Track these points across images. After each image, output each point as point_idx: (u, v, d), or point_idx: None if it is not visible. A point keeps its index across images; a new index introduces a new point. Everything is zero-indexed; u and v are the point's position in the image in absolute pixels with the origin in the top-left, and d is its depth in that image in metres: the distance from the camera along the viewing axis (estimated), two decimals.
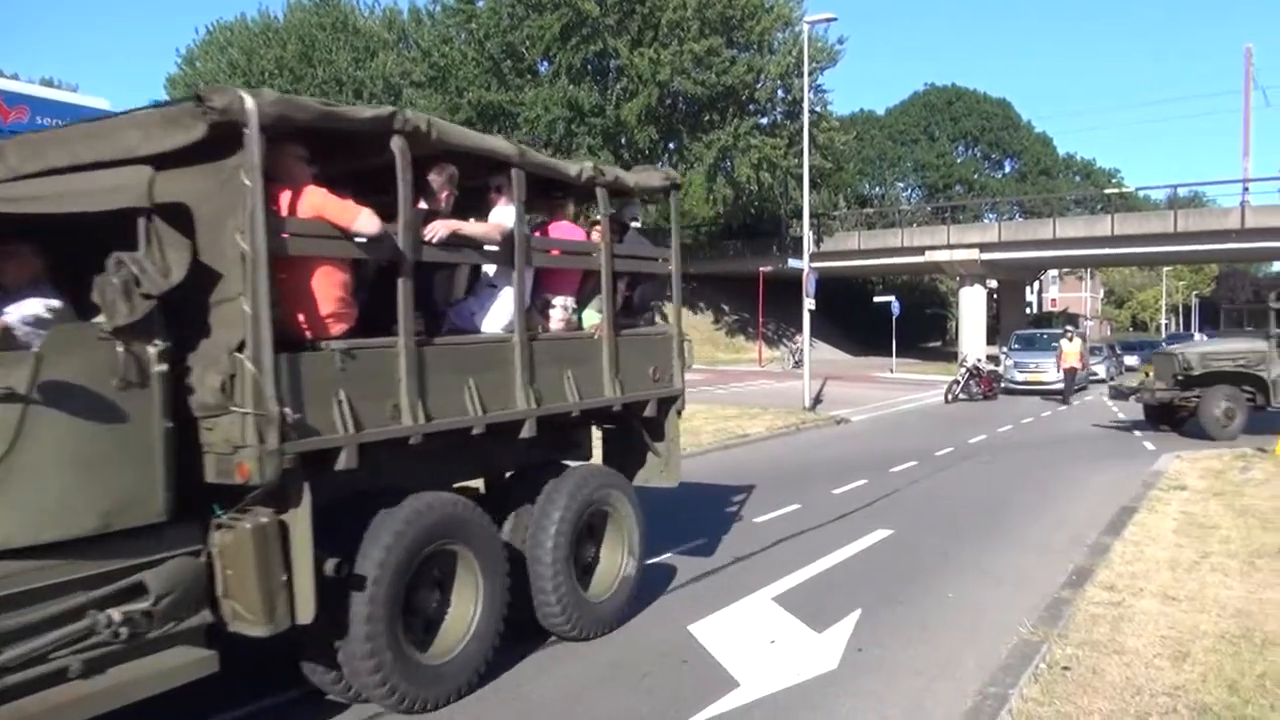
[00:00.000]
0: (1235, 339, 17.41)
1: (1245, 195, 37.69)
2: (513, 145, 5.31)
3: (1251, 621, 5.94)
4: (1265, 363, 15.89)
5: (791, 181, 38.85)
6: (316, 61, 46.79)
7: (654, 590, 6.88)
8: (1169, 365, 16.46)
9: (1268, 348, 15.95)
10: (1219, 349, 16.66)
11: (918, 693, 5.06)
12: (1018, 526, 9.37)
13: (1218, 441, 14.95)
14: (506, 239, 5.21)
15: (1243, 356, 16.07)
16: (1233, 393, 15.91)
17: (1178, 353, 16.59)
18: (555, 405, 5.49)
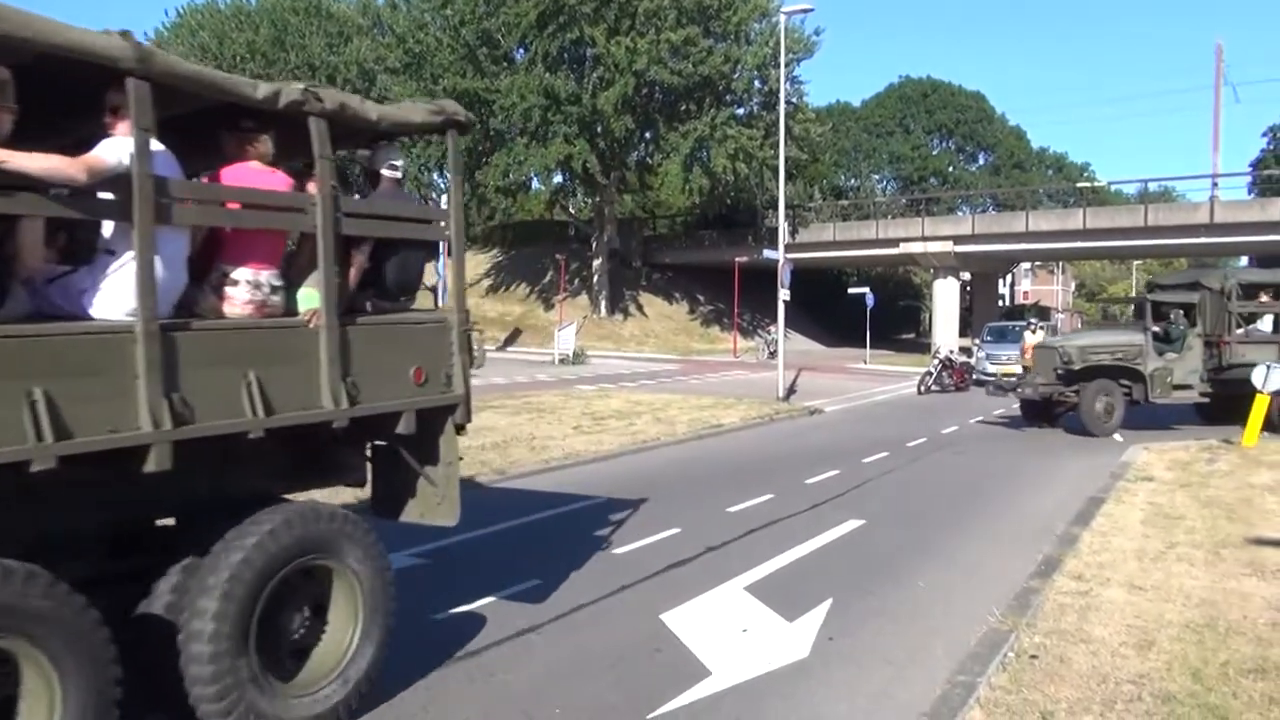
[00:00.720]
0: (1114, 331, 17.10)
1: (1214, 191, 38.14)
2: (129, 44, 3.55)
3: (1215, 611, 6.03)
4: (1142, 356, 15.44)
5: (767, 172, 38.88)
6: (289, 46, 46.29)
7: (626, 579, 6.88)
8: (1050, 358, 15.88)
9: (1144, 340, 15.53)
10: (1098, 341, 16.03)
11: (888, 681, 5.10)
12: (988, 517, 9.46)
13: (1098, 438, 14.92)
14: (113, 181, 3.55)
15: (1120, 349, 15.57)
16: (1112, 387, 15.47)
17: (1059, 345, 16.07)
18: (211, 425, 3.78)
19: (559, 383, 25.20)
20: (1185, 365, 15.61)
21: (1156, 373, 15.32)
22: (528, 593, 6.52)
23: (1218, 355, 15.77)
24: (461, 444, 5.40)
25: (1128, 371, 15.49)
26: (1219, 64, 44.11)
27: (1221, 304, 15.92)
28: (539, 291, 47.30)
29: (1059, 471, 12.22)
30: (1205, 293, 16.00)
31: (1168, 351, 15.60)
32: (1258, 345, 15.86)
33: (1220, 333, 15.83)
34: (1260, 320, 16.51)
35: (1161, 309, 16.05)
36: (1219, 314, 15.91)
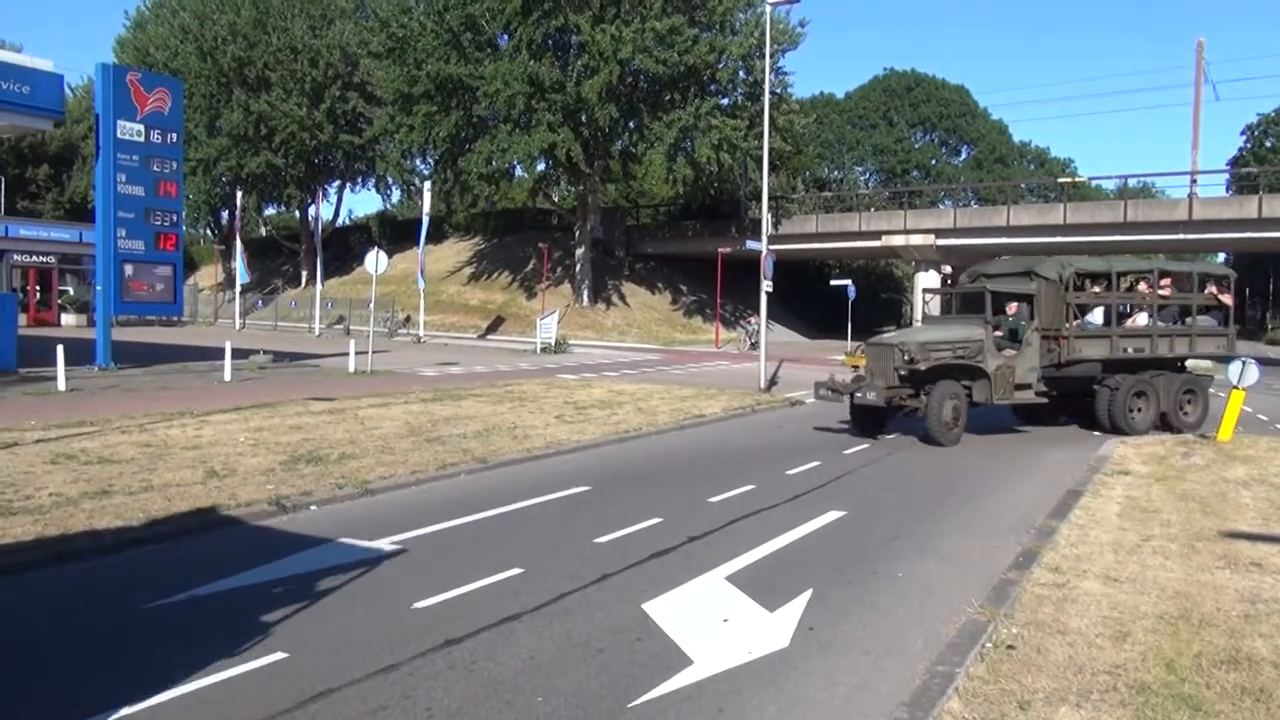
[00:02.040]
0: (952, 325, 14.94)
1: (1193, 187, 38.50)
2: None
3: (1190, 603, 6.11)
4: (983, 353, 13.87)
5: (751, 163, 38.92)
6: (271, 29, 45.87)
7: (608, 568, 6.90)
8: (888, 357, 13.91)
9: (985, 336, 13.96)
10: (939, 337, 14.14)
11: (867, 671, 5.14)
12: (967, 509, 9.53)
13: (946, 447, 13.45)
14: None
15: (962, 346, 13.87)
16: (957, 389, 13.79)
17: (897, 343, 14.05)
18: None
19: (541, 371, 25.16)
20: (1025, 362, 14.21)
21: (999, 371, 13.89)
22: (509, 581, 6.53)
23: (1057, 351, 14.48)
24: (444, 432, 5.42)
25: (970, 370, 13.95)
26: (1199, 62, 44.43)
27: (1059, 295, 14.54)
28: (521, 280, 47.19)
29: (1037, 464, 12.33)
30: (1042, 283, 14.53)
31: (1007, 347, 14.18)
32: (1091, 340, 14.77)
33: (1058, 326, 14.51)
34: (1091, 313, 15.19)
35: (998, 300, 14.59)
36: (1056, 306, 14.51)
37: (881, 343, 14.36)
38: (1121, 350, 14.94)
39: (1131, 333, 15.18)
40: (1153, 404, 15.01)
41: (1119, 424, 14.67)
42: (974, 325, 14.28)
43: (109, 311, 21.14)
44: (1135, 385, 14.87)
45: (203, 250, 61.78)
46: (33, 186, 61.32)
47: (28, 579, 6.45)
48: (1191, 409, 15.58)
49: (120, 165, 20.29)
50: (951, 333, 14.23)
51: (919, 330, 15.37)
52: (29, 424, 12.54)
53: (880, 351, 14.13)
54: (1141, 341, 15.17)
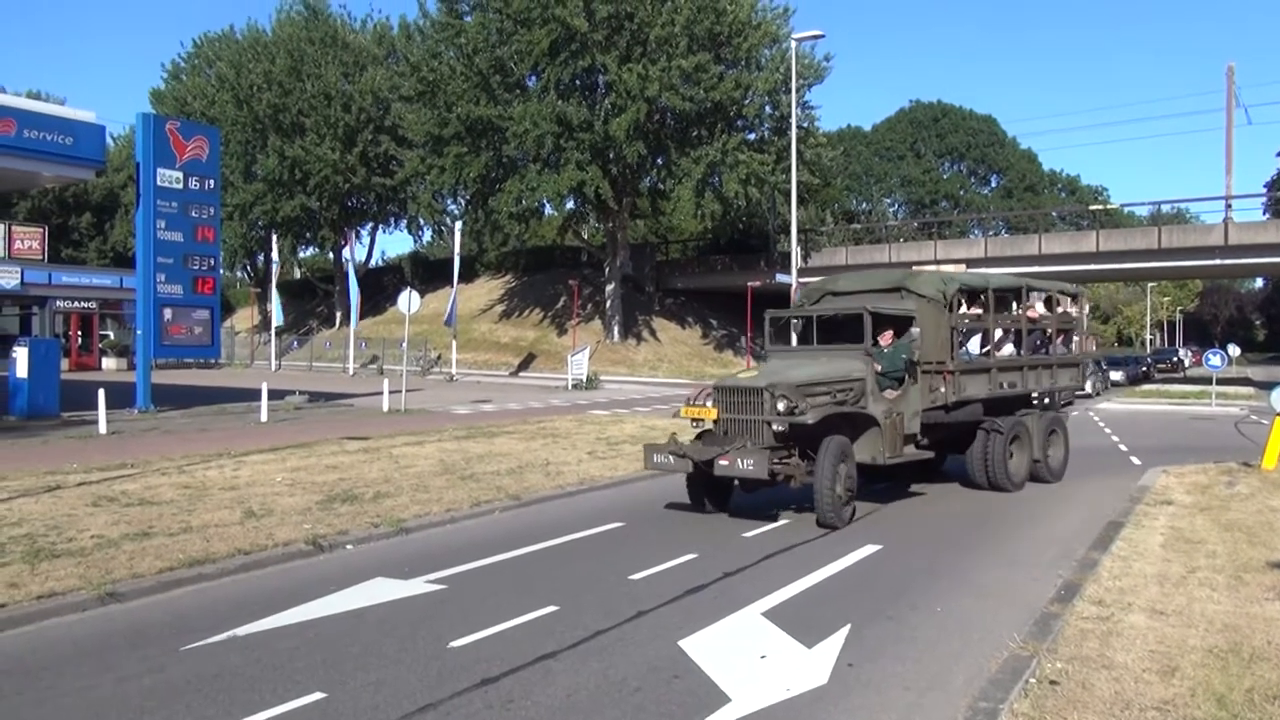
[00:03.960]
0: (818, 358, 11.07)
1: (1228, 212, 38.08)
2: None
3: (1239, 636, 5.97)
4: (866, 395, 10.42)
5: (779, 197, 39.07)
6: (305, 75, 46.85)
7: (644, 605, 6.87)
8: (753, 406, 9.93)
9: (867, 371, 10.49)
10: (814, 375, 10.29)
11: (908, 707, 5.06)
12: (1006, 541, 9.40)
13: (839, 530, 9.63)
14: None
15: (843, 386, 10.36)
16: (847, 447, 9.98)
17: (765, 385, 9.86)
18: None
19: (573, 408, 25.22)
20: (909, 406, 10.84)
21: (889, 420, 10.44)
22: (545, 619, 6.51)
23: (942, 390, 11.30)
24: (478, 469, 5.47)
25: (854, 420, 10.33)
26: (1230, 86, 44.13)
27: (941, 318, 11.37)
28: (552, 317, 47.45)
29: (1076, 495, 12.14)
30: (922, 303, 11.32)
31: (888, 387, 10.81)
32: (974, 374, 11.88)
33: (942, 358, 11.33)
34: (969, 340, 12.35)
35: (879, 325, 11.16)
36: (939, 332, 11.32)
37: (742, 385, 10.16)
38: (999, 386, 12.29)
39: (1009, 365, 12.68)
40: (1026, 450, 12.56)
41: (998, 477, 11.96)
42: (850, 358, 10.75)
43: (149, 355, 21.51)
44: (1013, 428, 12.27)
45: (239, 293, 62.78)
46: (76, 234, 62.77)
47: (70, 621, 6.53)
48: (1054, 451, 13.27)
49: (160, 212, 20.75)
50: (828, 368, 10.54)
51: (784, 366, 10.94)
52: (71, 467, 12.75)
53: (742, 399, 10.07)
54: (1015, 375, 12.73)
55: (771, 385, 9.90)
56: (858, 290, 12.30)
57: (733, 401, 10.21)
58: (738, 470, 9.56)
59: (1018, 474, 12.35)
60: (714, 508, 10.65)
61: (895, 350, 10.95)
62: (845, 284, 12.71)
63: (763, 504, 10.94)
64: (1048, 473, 12.92)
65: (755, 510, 10.65)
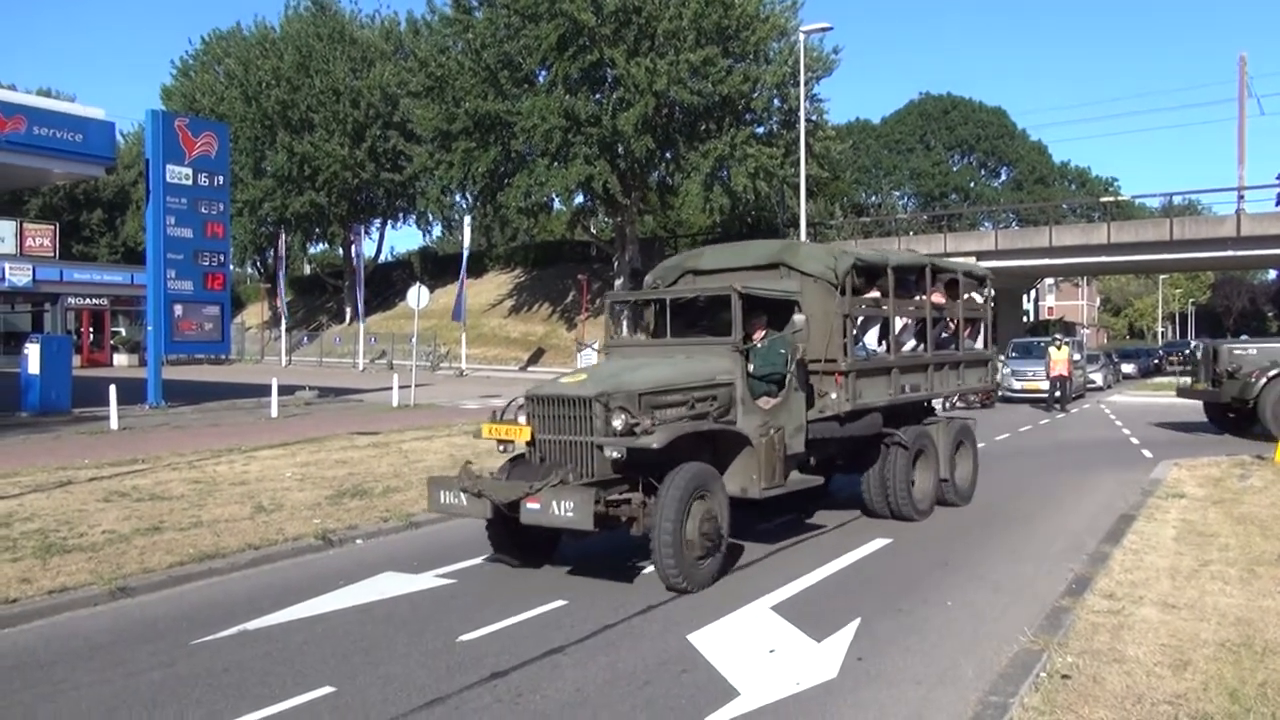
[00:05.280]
0: (672, 354, 8.36)
1: (1240, 203, 37.87)
2: None
3: (1252, 629, 5.93)
4: (734, 404, 7.91)
5: (788, 190, 38.92)
6: (314, 72, 46.90)
7: (652, 599, 6.86)
8: (579, 423, 7.30)
9: (737, 371, 7.95)
10: (662, 378, 7.69)
11: (918, 702, 5.05)
12: (1017, 534, 9.36)
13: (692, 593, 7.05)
14: None
15: (703, 392, 7.78)
16: (709, 478, 7.29)
17: (594, 394, 7.22)
18: None
19: None
20: (791, 418, 8.32)
21: (765, 437, 7.83)
22: (554, 613, 6.52)
23: (840, 394, 8.84)
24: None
25: (719, 440, 7.75)
26: (1243, 76, 43.83)
27: (832, 303, 8.85)
28: (561, 311, 47.47)
29: (1088, 488, 12.08)
30: (808, 283, 8.88)
31: (763, 393, 8.26)
32: (873, 377, 9.42)
33: (835, 355, 8.81)
34: (866, 333, 9.83)
35: (753, 311, 8.52)
36: (829, 321, 8.83)
37: (564, 395, 7.39)
38: (901, 390, 9.85)
39: (913, 363, 10.24)
40: (932, 467, 10.23)
41: (900, 504, 9.60)
42: (715, 356, 8.07)
43: (160, 351, 21.59)
44: (917, 442, 9.91)
45: (249, 289, 63.00)
46: (87, 231, 63.05)
47: (81, 616, 6.56)
48: (962, 468, 10.88)
49: (169, 208, 20.80)
50: (683, 370, 7.87)
51: (625, 367, 8.03)
52: (83, 462, 12.81)
53: (564, 412, 7.36)
54: (919, 376, 10.33)
55: (603, 394, 7.16)
56: (726, 268, 9.45)
57: (552, 416, 7.42)
58: (552, 517, 6.69)
59: (924, 499, 10.01)
60: (524, 561, 7.75)
61: (773, 345, 8.34)
62: (711, 259, 9.85)
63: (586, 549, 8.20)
64: (954, 494, 10.58)
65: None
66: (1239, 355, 17.48)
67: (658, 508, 6.91)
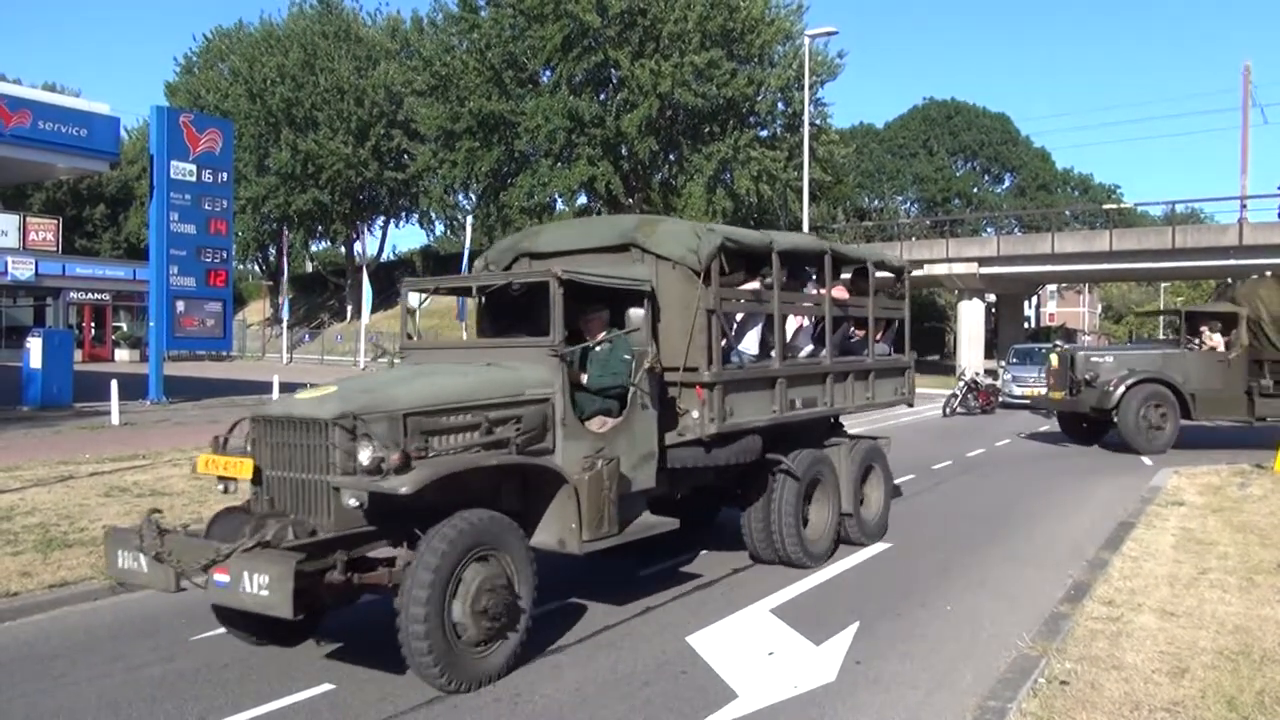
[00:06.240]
0: (479, 360, 6.48)
1: (1243, 212, 37.86)
2: None
3: (1250, 638, 5.94)
4: (550, 426, 6.04)
5: (791, 194, 38.95)
6: (318, 69, 46.94)
7: (651, 601, 6.88)
8: (314, 459, 5.30)
9: (557, 381, 6.07)
10: (446, 392, 5.77)
11: (916, 705, 5.06)
12: (1016, 540, 9.37)
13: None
14: None
15: (502, 410, 5.82)
16: (500, 531, 5.39)
17: (331, 417, 5.19)
18: None
19: None
20: (637, 444, 6.52)
21: (591, 473, 5.95)
22: (553, 614, 6.52)
23: (704, 413, 6.96)
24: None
25: (516, 476, 5.97)
26: (1246, 85, 43.85)
27: (696, 295, 6.96)
28: None
29: (1087, 495, 12.09)
30: (665, 268, 7.05)
31: (597, 411, 6.49)
32: (751, 390, 7.50)
33: (698, 362, 6.97)
34: (746, 335, 7.81)
35: (591, 305, 6.76)
36: (689, 317, 6.97)
37: (294, 416, 5.45)
38: (789, 406, 7.90)
39: (806, 372, 8.27)
40: (830, 500, 8.32)
41: (788, 548, 7.79)
42: (528, 362, 6.19)
43: (161, 347, 21.61)
44: (812, 470, 8.08)
45: (251, 286, 63.01)
46: (90, 226, 63.03)
47: (82, 610, 6.57)
48: (871, 499, 9.12)
49: (173, 204, 20.83)
50: (475, 381, 5.97)
51: (404, 377, 6.15)
52: (84, 457, 12.83)
53: (296, 441, 5.41)
54: (814, 388, 8.36)
55: (346, 415, 5.20)
56: (568, 250, 7.49)
57: (281, 445, 5.44)
58: (242, 596, 4.79)
59: (819, 539, 8.16)
60: (270, 637, 5.76)
61: (615, 350, 6.56)
62: (550, 239, 7.87)
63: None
64: (859, 531, 8.71)
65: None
66: (1096, 363, 16.76)
67: (406, 581, 4.98)
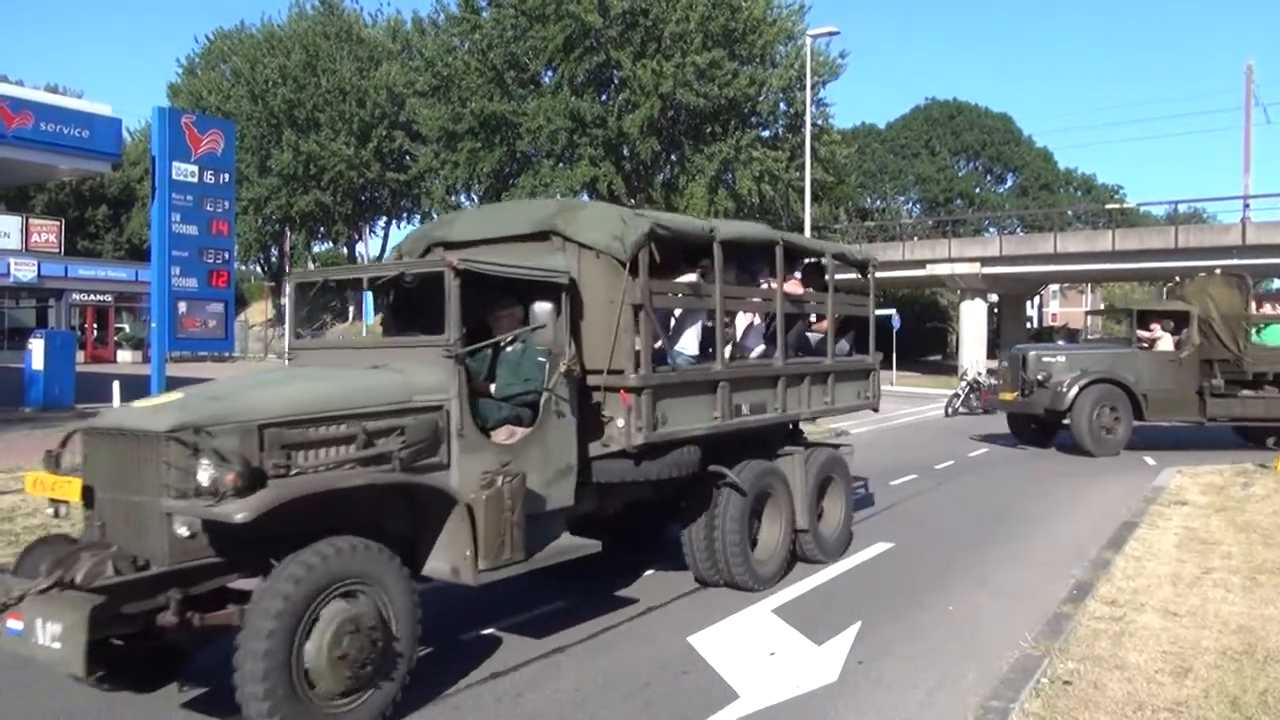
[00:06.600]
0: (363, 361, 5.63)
1: (1246, 212, 37.78)
2: None
3: (1254, 637, 5.92)
4: (441, 439, 5.20)
5: (793, 194, 38.91)
6: (320, 70, 46.97)
7: (653, 600, 6.86)
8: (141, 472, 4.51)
9: (452, 385, 5.25)
10: (315, 397, 4.93)
11: (918, 706, 5.04)
12: (1019, 540, 9.35)
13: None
14: None
15: (385, 420, 5.01)
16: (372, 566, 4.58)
17: (167, 429, 4.38)
18: None
19: None
20: (553, 455, 5.81)
21: (489, 493, 5.12)
22: (555, 614, 6.52)
23: (630, 421, 6.11)
24: None
25: (413, 498, 5.16)
26: (1249, 85, 43.75)
27: (620, 288, 6.15)
28: None
29: (1090, 495, 12.07)
30: (587, 256, 6.23)
31: (502, 419, 5.70)
32: (688, 395, 6.63)
33: (622, 364, 6.15)
34: (684, 334, 6.99)
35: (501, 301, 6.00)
36: (617, 314, 6.14)
37: (125, 427, 4.69)
38: (733, 412, 7.05)
39: (752, 375, 7.43)
40: (783, 516, 7.57)
41: (733, 569, 7.00)
42: (419, 363, 5.39)
43: (164, 348, 21.57)
44: (760, 483, 7.29)
45: (253, 287, 63.00)
46: (92, 227, 63.08)
47: None
48: (830, 514, 8.37)
49: (175, 205, 20.78)
50: (351, 385, 5.19)
51: (258, 381, 5.42)
52: None
53: (129, 456, 4.59)
54: (763, 393, 7.52)
55: (184, 427, 4.40)
56: (484, 238, 6.60)
57: (112, 462, 4.70)
58: (34, 649, 4.13)
59: (769, 559, 7.40)
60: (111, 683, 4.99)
61: (528, 351, 5.82)
62: (466, 227, 6.99)
63: None
64: (817, 549, 7.97)
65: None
66: (1048, 362, 16.25)
67: (244, 630, 4.22)
